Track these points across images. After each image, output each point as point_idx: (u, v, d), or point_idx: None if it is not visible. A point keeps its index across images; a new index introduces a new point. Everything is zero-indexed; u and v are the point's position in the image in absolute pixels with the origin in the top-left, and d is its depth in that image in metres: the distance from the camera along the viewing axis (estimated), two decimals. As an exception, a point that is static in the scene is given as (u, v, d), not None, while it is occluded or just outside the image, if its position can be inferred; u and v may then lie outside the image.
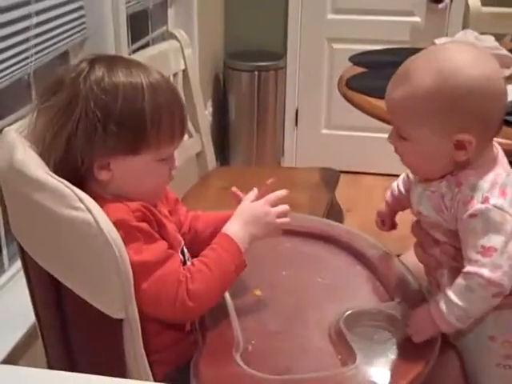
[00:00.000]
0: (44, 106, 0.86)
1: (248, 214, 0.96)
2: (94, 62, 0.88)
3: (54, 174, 0.78)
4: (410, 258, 1.23)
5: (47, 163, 0.85)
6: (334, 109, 3.27)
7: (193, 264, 0.90)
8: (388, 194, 1.12)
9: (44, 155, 0.86)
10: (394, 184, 1.11)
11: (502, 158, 0.93)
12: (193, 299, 0.86)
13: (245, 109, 3.21)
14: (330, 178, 2.05)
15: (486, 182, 0.89)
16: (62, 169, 0.84)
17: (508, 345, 0.98)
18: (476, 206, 0.88)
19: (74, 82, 0.85)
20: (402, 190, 1.09)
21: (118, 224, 0.80)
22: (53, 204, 0.76)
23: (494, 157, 0.93)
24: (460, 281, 0.89)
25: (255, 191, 1.01)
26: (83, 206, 0.75)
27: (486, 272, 0.86)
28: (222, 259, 0.91)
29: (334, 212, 2.02)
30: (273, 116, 3.27)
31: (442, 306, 0.90)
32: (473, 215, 0.88)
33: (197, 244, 1.02)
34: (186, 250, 0.98)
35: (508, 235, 0.87)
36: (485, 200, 0.88)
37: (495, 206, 0.87)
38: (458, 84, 0.86)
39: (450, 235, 0.94)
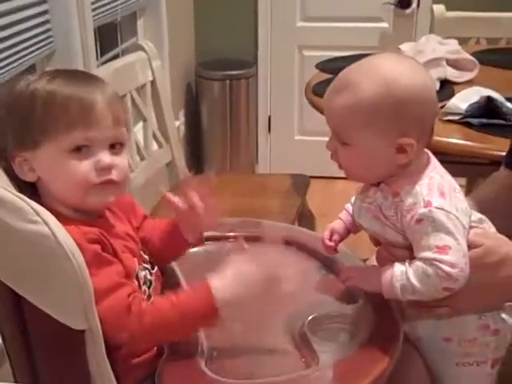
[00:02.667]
0: None
1: (237, 271, 0.90)
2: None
3: (10, 189, 0.79)
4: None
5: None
6: (306, 115, 3.30)
7: (160, 298, 0.89)
8: (345, 214, 1.12)
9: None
10: (349, 205, 1.12)
11: (434, 162, 0.96)
12: (145, 333, 0.86)
13: (217, 117, 3.23)
14: (301, 183, 2.08)
15: (422, 187, 0.91)
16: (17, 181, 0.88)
17: (465, 343, 1.00)
18: (420, 210, 0.90)
19: None
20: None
21: None
22: (9, 218, 0.76)
23: (426, 162, 0.95)
24: (421, 263, 0.90)
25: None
26: (40, 220, 0.76)
27: (445, 267, 0.88)
28: (192, 308, 0.87)
29: (306, 217, 2.04)
30: (246, 123, 3.30)
31: (396, 271, 0.92)
32: (419, 220, 0.90)
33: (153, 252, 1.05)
34: (142, 274, 0.97)
35: (457, 233, 0.89)
36: (427, 204, 0.90)
37: (438, 208, 0.89)
38: (401, 91, 0.89)
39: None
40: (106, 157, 0.90)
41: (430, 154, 0.97)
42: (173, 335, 0.90)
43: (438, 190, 0.91)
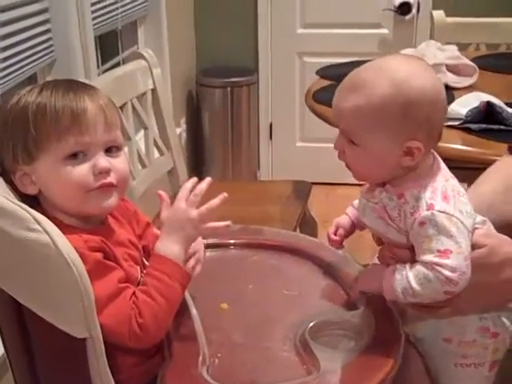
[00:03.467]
0: None
1: (173, 223, 0.94)
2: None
3: (10, 197, 0.80)
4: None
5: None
6: (307, 121, 3.30)
7: (136, 296, 0.89)
8: (350, 210, 1.13)
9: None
10: (356, 201, 1.12)
11: (440, 166, 0.96)
12: (144, 331, 0.86)
13: (219, 125, 3.24)
14: (302, 190, 2.08)
15: (426, 190, 0.92)
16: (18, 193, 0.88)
17: (464, 345, 1.00)
18: (422, 213, 0.90)
19: None
20: None
21: None
22: (10, 227, 0.77)
23: (432, 165, 0.96)
24: (422, 268, 0.91)
25: (188, 186, 0.98)
26: (40, 228, 0.76)
27: (446, 272, 0.89)
28: (163, 283, 0.90)
29: (307, 224, 2.04)
30: (247, 131, 3.30)
31: (397, 275, 0.93)
32: (422, 223, 0.91)
33: None
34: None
35: (459, 236, 0.90)
36: (430, 207, 0.90)
37: (440, 211, 0.90)
38: (411, 93, 0.89)
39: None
40: (102, 160, 0.91)
41: (437, 157, 0.97)
42: (165, 316, 0.90)
43: (441, 194, 0.91)
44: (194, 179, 0.99)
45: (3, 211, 0.77)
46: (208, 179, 0.99)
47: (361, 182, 1.02)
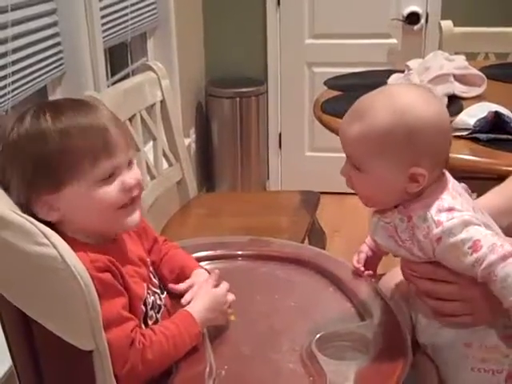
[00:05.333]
0: None
1: (210, 299, 1.00)
2: (23, 114, 0.90)
3: (18, 211, 0.80)
4: (393, 277, 1.26)
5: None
6: (316, 131, 3.30)
7: (154, 332, 0.91)
8: (368, 238, 1.14)
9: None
10: None
11: (448, 184, 0.97)
12: (146, 368, 0.88)
13: (228, 135, 3.25)
14: (310, 200, 2.08)
15: (432, 210, 0.93)
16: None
17: (485, 349, 1.00)
18: (434, 232, 0.92)
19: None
20: None
21: None
22: (18, 240, 0.77)
23: (440, 185, 0.97)
24: (492, 287, 0.90)
25: (216, 274, 1.05)
26: (48, 242, 0.77)
27: (492, 256, 0.89)
28: (182, 339, 0.93)
29: (316, 234, 2.04)
30: (256, 141, 3.31)
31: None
32: (438, 239, 0.92)
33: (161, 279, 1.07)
34: (151, 299, 0.98)
35: (474, 225, 0.91)
36: (438, 223, 0.92)
37: (448, 220, 0.91)
38: (414, 121, 0.91)
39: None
40: (129, 177, 0.93)
41: (447, 176, 0.98)
42: (167, 364, 0.93)
43: (446, 209, 0.93)
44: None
45: (11, 225, 0.78)
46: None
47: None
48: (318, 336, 0.98)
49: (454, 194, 0.96)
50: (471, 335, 1.00)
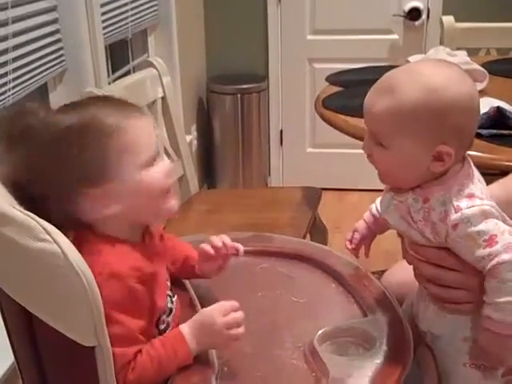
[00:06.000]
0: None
1: (207, 330, 0.92)
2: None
3: (20, 208, 0.80)
4: (396, 273, 1.26)
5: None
6: (318, 127, 3.30)
7: (141, 353, 0.89)
8: (367, 214, 1.13)
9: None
10: (373, 205, 1.12)
11: (469, 169, 0.95)
12: None
13: (229, 131, 3.25)
14: (312, 196, 2.08)
15: (452, 194, 0.92)
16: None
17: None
18: (452, 217, 0.90)
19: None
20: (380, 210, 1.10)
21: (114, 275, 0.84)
22: (19, 237, 0.77)
23: (461, 169, 0.95)
24: (490, 281, 0.90)
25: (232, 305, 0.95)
26: (50, 238, 0.77)
27: (505, 256, 0.88)
28: (168, 358, 0.90)
29: (318, 230, 2.04)
30: (257, 137, 3.31)
31: (495, 314, 0.90)
32: (455, 225, 0.90)
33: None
34: (164, 317, 0.97)
35: (493, 218, 0.90)
36: (457, 209, 0.90)
37: (468, 208, 0.90)
38: (445, 99, 0.88)
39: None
40: (166, 160, 0.96)
41: (468, 162, 0.97)
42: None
43: (466, 194, 0.91)
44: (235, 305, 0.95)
45: (12, 221, 0.78)
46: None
47: (372, 188, 1.02)
48: (320, 332, 0.98)
49: (474, 180, 0.94)
50: (469, 328, 0.99)
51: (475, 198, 0.91)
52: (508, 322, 0.90)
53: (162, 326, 0.96)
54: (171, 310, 0.99)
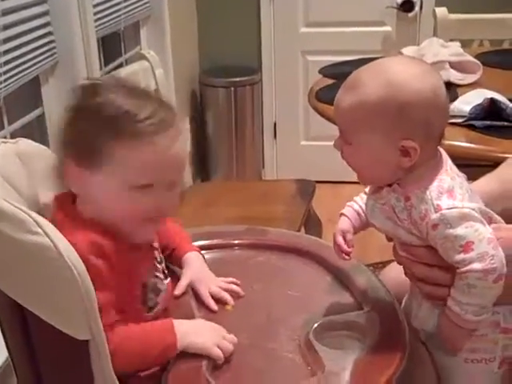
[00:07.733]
0: None
1: (201, 330, 0.94)
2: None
3: (10, 200, 0.79)
4: (393, 270, 1.25)
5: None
6: (311, 120, 3.30)
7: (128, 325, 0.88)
8: (351, 213, 1.10)
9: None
10: (352, 202, 1.10)
11: (446, 164, 0.96)
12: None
13: (223, 124, 3.24)
14: (306, 189, 2.08)
15: (432, 192, 0.91)
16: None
17: (474, 338, 0.98)
18: (432, 216, 0.90)
19: None
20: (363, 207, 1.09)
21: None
22: (10, 230, 0.77)
23: (437, 164, 0.95)
24: (459, 281, 0.91)
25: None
26: (41, 231, 0.76)
27: (476, 265, 0.88)
28: (152, 337, 0.90)
29: (312, 223, 2.04)
30: (251, 130, 3.30)
31: (456, 308, 0.93)
32: (434, 226, 0.90)
33: None
34: (151, 281, 0.97)
35: (474, 224, 0.89)
36: (437, 208, 0.90)
37: (448, 209, 0.90)
38: (406, 95, 0.89)
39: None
40: (167, 199, 0.92)
41: (443, 155, 0.97)
42: (131, 363, 0.89)
43: (447, 192, 0.91)
44: None
45: (4, 214, 0.77)
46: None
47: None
48: (315, 325, 0.98)
49: (452, 174, 0.94)
50: None
51: (455, 195, 0.91)
52: (465, 318, 0.92)
53: (151, 304, 0.95)
54: (160, 289, 0.98)
